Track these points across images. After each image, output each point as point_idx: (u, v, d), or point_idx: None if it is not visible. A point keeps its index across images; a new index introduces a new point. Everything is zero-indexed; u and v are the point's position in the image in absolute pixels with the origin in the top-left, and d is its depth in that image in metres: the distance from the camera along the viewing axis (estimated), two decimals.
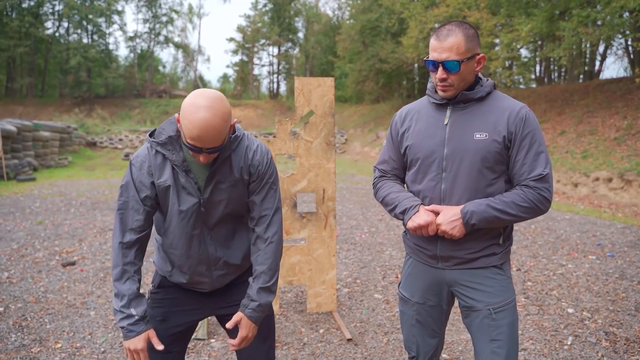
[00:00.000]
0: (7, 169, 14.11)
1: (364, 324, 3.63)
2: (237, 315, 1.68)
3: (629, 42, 16.22)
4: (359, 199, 10.32)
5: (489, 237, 1.75)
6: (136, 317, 1.60)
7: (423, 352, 1.95)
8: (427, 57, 1.72)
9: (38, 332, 3.44)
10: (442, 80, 1.70)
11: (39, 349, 3.17)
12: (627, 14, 14.04)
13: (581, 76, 19.99)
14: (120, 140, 25.50)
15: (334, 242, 3.70)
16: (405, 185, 1.94)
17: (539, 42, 19.50)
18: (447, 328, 3.56)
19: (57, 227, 7.13)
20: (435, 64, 1.69)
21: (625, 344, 3.28)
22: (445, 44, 1.66)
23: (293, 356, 3.10)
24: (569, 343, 3.31)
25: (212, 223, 1.70)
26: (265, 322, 1.85)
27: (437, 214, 1.73)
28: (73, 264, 5.16)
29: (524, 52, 22.78)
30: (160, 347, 1.61)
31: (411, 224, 1.74)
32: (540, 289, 4.43)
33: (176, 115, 1.57)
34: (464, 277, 1.78)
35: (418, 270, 1.89)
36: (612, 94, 15.34)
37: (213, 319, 3.66)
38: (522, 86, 23.95)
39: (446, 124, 1.75)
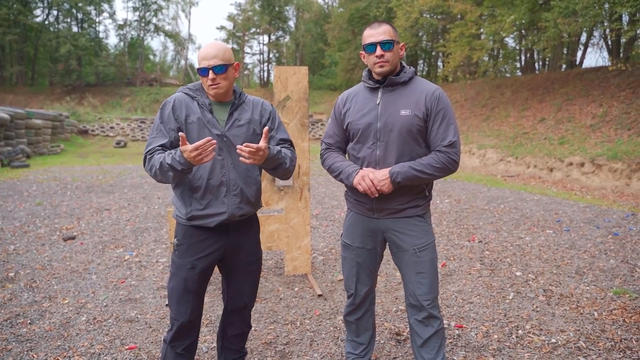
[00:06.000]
0: (1, 155, 14.43)
1: (334, 284, 4.13)
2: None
3: (607, 32, 16.71)
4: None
5: (413, 193, 2.24)
6: (172, 152, 2.01)
7: (360, 289, 2.43)
8: (365, 44, 2.19)
9: (47, 292, 3.91)
10: (380, 57, 2.16)
11: (49, 304, 3.64)
12: (606, 5, 14.49)
13: (563, 65, 20.49)
14: (112, 128, 25.81)
15: (308, 212, 4.18)
16: (347, 154, 2.41)
17: (523, 32, 19.95)
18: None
19: (55, 207, 7.56)
20: (374, 45, 2.16)
21: (558, 299, 3.81)
22: (380, 30, 2.18)
23: (270, 308, 3.60)
24: (510, 298, 3.83)
25: (235, 154, 2.12)
26: (255, 271, 2.37)
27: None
28: (73, 238, 5.61)
29: (510, 43, 23.29)
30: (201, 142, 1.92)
31: (357, 182, 2.20)
32: (495, 257, 4.96)
33: (196, 67, 2.12)
34: (394, 224, 2.26)
35: (357, 221, 2.37)
36: (590, 82, 15.87)
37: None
38: (507, 75, 24.47)
39: (378, 103, 2.23)
